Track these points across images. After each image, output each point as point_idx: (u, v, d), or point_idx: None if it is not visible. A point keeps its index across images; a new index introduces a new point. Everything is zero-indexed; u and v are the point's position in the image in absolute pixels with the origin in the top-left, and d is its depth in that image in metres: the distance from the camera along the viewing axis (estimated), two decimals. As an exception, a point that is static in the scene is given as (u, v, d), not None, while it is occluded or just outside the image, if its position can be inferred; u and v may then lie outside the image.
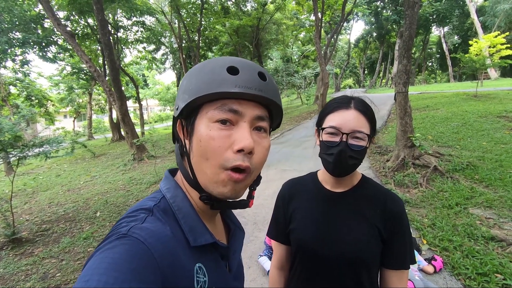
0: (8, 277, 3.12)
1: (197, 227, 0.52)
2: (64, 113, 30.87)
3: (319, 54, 13.82)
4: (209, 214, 0.58)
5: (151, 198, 0.53)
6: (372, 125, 0.85)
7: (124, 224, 0.44)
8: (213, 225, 0.59)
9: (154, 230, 0.44)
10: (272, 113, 0.56)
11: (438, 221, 3.21)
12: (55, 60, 12.97)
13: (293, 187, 1.03)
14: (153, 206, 0.50)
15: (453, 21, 27.42)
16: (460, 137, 6.42)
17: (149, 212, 0.49)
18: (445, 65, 34.56)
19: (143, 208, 0.49)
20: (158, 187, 0.57)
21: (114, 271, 0.36)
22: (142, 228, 0.43)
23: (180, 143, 0.55)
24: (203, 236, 0.52)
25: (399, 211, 0.86)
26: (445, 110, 9.40)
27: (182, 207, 0.53)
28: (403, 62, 4.98)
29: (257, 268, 2.70)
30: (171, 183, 0.56)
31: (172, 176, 0.58)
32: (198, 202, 0.54)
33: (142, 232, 0.42)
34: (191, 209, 0.53)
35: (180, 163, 0.56)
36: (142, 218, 0.46)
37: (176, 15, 15.50)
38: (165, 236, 0.45)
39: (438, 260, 2.53)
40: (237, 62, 0.50)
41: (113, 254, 0.38)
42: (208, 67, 0.51)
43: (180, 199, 0.54)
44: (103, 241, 0.42)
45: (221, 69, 0.49)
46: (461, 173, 4.45)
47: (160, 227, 0.46)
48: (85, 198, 5.94)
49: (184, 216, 0.52)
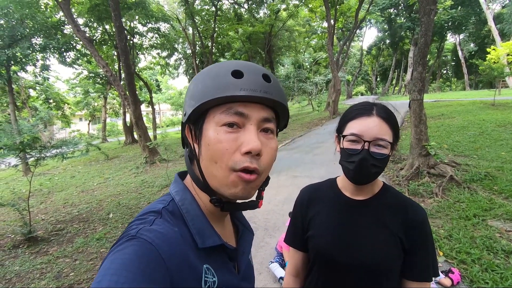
0: (24, 275, 3.19)
1: (205, 229, 0.53)
2: (79, 116, 31.74)
3: (331, 60, 13.79)
4: (218, 216, 0.58)
5: (160, 201, 0.55)
6: (395, 132, 0.83)
7: (134, 227, 0.46)
8: (222, 227, 0.60)
9: (162, 232, 0.46)
10: (278, 114, 0.57)
11: (455, 232, 3.11)
12: (74, 65, 13.41)
13: (312, 194, 1.01)
14: (162, 208, 0.52)
15: (469, 28, 26.91)
16: (478, 146, 6.24)
17: (158, 214, 0.50)
18: (460, 73, 33.85)
19: (152, 211, 0.51)
20: (169, 190, 0.59)
21: (124, 271, 0.38)
22: (150, 230, 0.45)
23: (189, 148, 0.56)
24: (210, 238, 0.53)
25: (422, 221, 0.84)
26: (461, 119, 9.17)
27: (190, 210, 0.54)
28: (418, 69, 4.91)
29: (268, 275, 2.67)
30: (180, 186, 0.57)
31: (181, 179, 0.60)
32: (207, 205, 0.55)
33: (151, 234, 0.44)
34: (199, 211, 0.54)
35: (190, 167, 0.57)
36: (151, 221, 0.48)
37: (190, 21, 15.82)
38: (173, 238, 0.47)
39: (455, 273, 2.44)
40: (241, 66, 0.51)
41: (123, 255, 0.40)
42: (213, 72, 0.52)
43: (188, 202, 0.55)
44: (115, 243, 0.44)
45: (226, 74, 0.50)
46: (479, 183, 4.31)
47: (169, 228, 0.48)
48: (99, 199, 6.05)
49: (192, 219, 0.53)
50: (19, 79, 16.84)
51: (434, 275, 0.83)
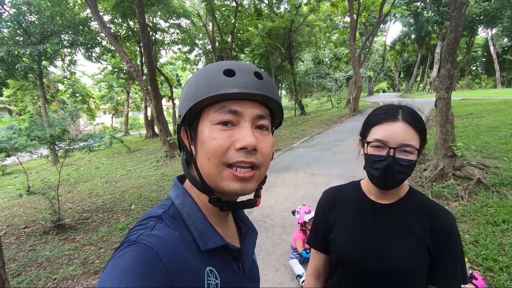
0: (54, 260, 3.40)
1: (207, 231, 0.53)
2: (103, 110, 32.94)
3: (353, 56, 13.47)
4: (220, 217, 0.58)
5: (161, 206, 0.55)
6: (422, 137, 0.81)
7: (134, 232, 0.47)
8: (224, 228, 0.60)
9: (162, 236, 0.46)
10: (272, 112, 0.57)
11: (481, 238, 2.97)
12: (99, 60, 13.90)
13: (334, 196, 1.00)
14: (163, 213, 0.52)
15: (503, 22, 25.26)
16: (509, 148, 5.89)
17: (158, 219, 0.50)
18: (491, 70, 31.98)
19: (153, 216, 0.51)
20: (169, 195, 0.59)
21: (125, 277, 0.38)
22: (151, 235, 0.46)
23: (186, 150, 0.57)
24: (213, 240, 0.53)
25: (450, 226, 0.82)
26: (491, 118, 8.70)
27: (191, 213, 0.54)
28: (447, 66, 4.69)
29: (285, 272, 2.69)
30: (179, 190, 0.57)
31: (181, 183, 0.60)
32: (208, 206, 0.56)
33: (151, 239, 0.45)
34: (200, 214, 0.55)
35: (187, 171, 0.57)
36: (151, 226, 0.48)
37: (211, 17, 15.92)
38: (174, 242, 0.47)
39: (479, 279, 2.34)
40: (233, 65, 0.52)
41: (124, 260, 0.41)
42: (205, 72, 0.53)
43: (188, 205, 0.55)
44: (117, 249, 0.45)
45: (218, 73, 0.51)
46: (510, 187, 4.09)
47: (169, 233, 0.48)
48: (121, 191, 6.29)
49: (193, 221, 0.53)
50: (49, 74, 17.72)
51: (462, 282, 0.81)
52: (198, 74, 0.54)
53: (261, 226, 3.58)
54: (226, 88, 0.49)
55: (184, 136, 0.57)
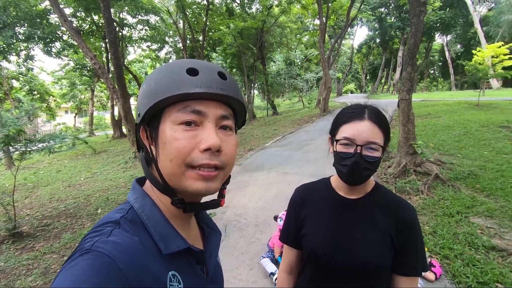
0: (9, 271, 3.12)
1: (168, 234, 0.51)
2: (65, 109, 30.92)
3: (322, 58, 13.87)
4: (182, 219, 0.57)
5: (118, 210, 0.53)
6: (386, 135, 0.86)
7: (88, 240, 0.44)
8: (187, 230, 0.59)
9: (120, 243, 0.44)
10: (236, 112, 0.57)
11: (439, 229, 3.22)
12: (60, 56, 13.02)
13: (306, 193, 1.03)
14: (120, 218, 0.49)
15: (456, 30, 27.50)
16: (462, 145, 6.43)
17: (115, 224, 0.48)
18: (447, 73, 34.62)
19: (109, 222, 0.49)
20: (127, 198, 0.57)
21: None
22: (107, 241, 0.43)
23: (145, 150, 0.55)
24: (175, 243, 0.51)
25: (412, 220, 0.87)
26: (447, 118, 9.42)
27: (151, 216, 0.52)
28: (408, 69, 5.01)
29: (259, 270, 2.71)
30: (138, 192, 0.55)
31: (140, 185, 0.57)
32: (170, 208, 0.54)
33: (107, 246, 0.42)
34: (161, 216, 0.53)
35: (147, 171, 0.55)
36: (107, 232, 0.45)
37: (181, 15, 15.56)
38: (133, 247, 0.45)
39: (437, 266, 2.54)
40: (196, 64, 0.51)
41: (76, 271, 0.38)
42: (166, 70, 0.51)
43: (148, 208, 0.53)
44: (68, 259, 0.42)
45: (181, 71, 0.49)
46: (463, 181, 4.47)
47: (127, 238, 0.46)
48: (86, 194, 5.94)
49: (154, 225, 0.51)
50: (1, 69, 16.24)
51: (423, 270, 0.87)
52: (158, 71, 0.52)
53: (234, 226, 3.57)
54: (189, 87, 0.48)
55: (143, 135, 0.54)
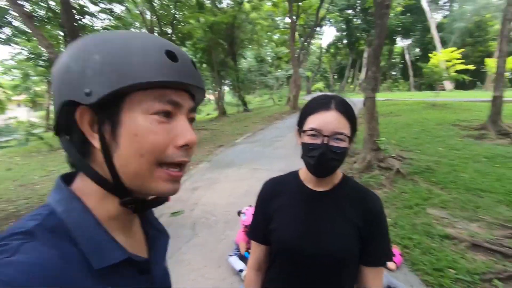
0: None
1: (102, 244, 0.42)
2: (17, 102, 28.29)
3: (292, 56, 14.08)
4: (123, 223, 0.49)
5: (32, 216, 0.40)
6: (352, 125, 0.86)
7: None
8: (128, 237, 0.50)
9: (31, 262, 0.34)
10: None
11: (400, 220, 3.40)
12: (9, 43, 11.85)
13: (274, 186, 1.01)
14: (35, 226, 0.38)
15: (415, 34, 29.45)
16: (420, 142, 6.89)
17: (28, 236, 0.36)
18: (407, 75, 36.98)
19: (18, 233, 0.37)
20: (47, 201, 0.45)
21: None
22: (10, 263, 0.32)
23: (79, 138, 0.43)
24: (110, 254, 0.42)
25: (379, 211, 0.88)
26: (406, 117, 10.05)
27: (81, 222, 0.42)
28: (372, 69, 5.23)
29: (227, 268, 2.67)
30: (64, 193, 0.44)
31: (66, 184, 0.46)
32: (110, 210, 0.45)
33: (10, 270, 0.32)
34: (94, 222, 0.43)
35: (83, 164, 0.45)
36: (13, 248, 0.34)
37: (148, 5, 14.89)
38: (50, 267, 0.35)
39: (397, 255, 2.68)
40: (173, 48, 0.44)
41: None
42: (137, 45, 0.41)
43: (77, 213, 0.42)
44: None
45: (159, 53, 0.42)
46: (420, 175, 4.77)
47: (43, 255, 0.35)
48: (41, 194, 5.48)
49: (83, 233, 0.41)
50: None
51: (388, 259, 0.89)
52: (126, 44, 0.41)
53: (203, 223, 3.49)
54: (173, 75, 0.42)
55: (85, 120, 0.42)
